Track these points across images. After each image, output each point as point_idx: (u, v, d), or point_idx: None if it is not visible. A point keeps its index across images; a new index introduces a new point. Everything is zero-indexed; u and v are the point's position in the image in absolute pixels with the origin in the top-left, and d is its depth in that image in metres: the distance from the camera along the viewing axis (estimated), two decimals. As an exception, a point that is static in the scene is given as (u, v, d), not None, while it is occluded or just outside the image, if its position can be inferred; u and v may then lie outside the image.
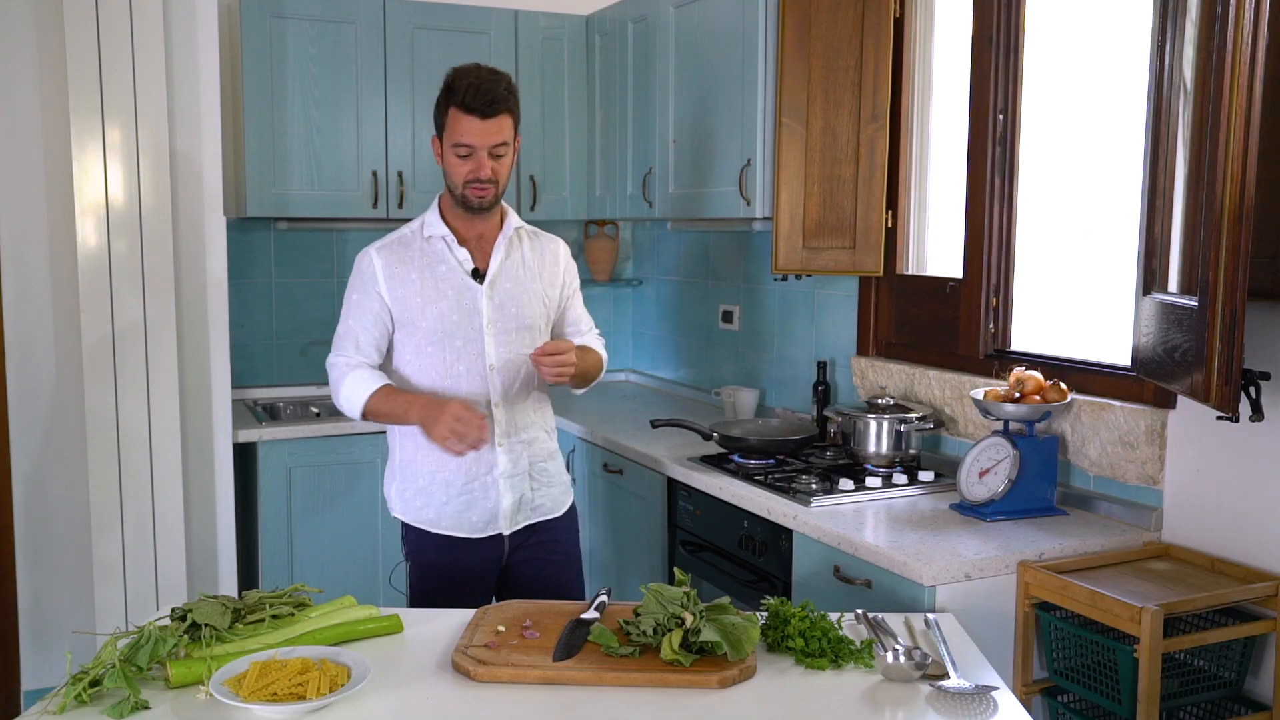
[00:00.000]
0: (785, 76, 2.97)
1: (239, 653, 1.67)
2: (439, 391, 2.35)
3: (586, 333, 2.58)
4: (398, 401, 2.31)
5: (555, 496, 2.50)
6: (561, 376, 2.32)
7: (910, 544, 2.25)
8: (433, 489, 2.40)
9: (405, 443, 2.43)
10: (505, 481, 2.40)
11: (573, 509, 2.56)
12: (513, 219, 2.44)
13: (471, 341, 2.35)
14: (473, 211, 2.33)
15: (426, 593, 2.42)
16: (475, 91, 2.21)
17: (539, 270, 2.45)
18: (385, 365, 2.41)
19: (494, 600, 2.46)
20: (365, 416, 2.33)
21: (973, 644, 1.85)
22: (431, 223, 2.38)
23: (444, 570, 2.41)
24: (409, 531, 2.44)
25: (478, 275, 2.36)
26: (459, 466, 2.37)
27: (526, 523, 2.45)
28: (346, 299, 2.39)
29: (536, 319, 2.43)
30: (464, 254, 2.36)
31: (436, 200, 2.42)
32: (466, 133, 2.24)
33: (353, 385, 2.32)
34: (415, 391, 2.36)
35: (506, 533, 2.42)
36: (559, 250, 2.51)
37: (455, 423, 2.20)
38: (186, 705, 1.56)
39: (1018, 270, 2.80)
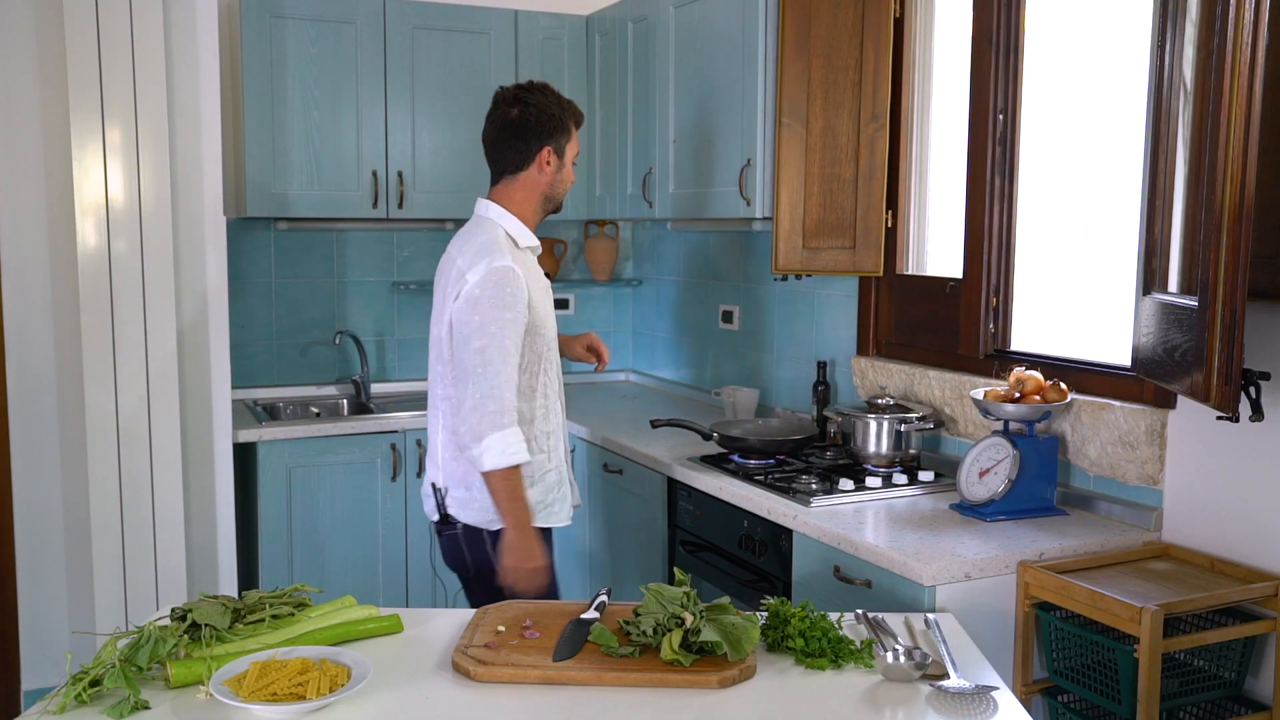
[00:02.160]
0: (785, 76, 2.97)
1: (239, 653, 1.67)
2: (548, 401, 2.43)
3: None
4: (523, 493, 2.30)
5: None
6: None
7: (910, 544, 2.25)
8: (564, 483, 2.50)
9: (537, 445, 2.42)
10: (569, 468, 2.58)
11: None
12: None
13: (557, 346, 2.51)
14: (554, 215, 2.54)
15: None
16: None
17: None
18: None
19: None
20: (508, 477, 2.24)
21: (973, 644, 1.85)
22: (521, 232, 2.39)
23: (551, 567, 2.43)
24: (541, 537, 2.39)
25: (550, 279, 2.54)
26: (558, 456, 2.48)
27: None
28: (493, 321, 2.20)
29: None
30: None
31: (503, 210, 2.40)
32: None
33: (517, 439, 2.26)
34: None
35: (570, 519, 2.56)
36: None
37: (530, 577, 2.29)
38: (186, 705, 1.56)
39: (1018, 270, 2.80)
